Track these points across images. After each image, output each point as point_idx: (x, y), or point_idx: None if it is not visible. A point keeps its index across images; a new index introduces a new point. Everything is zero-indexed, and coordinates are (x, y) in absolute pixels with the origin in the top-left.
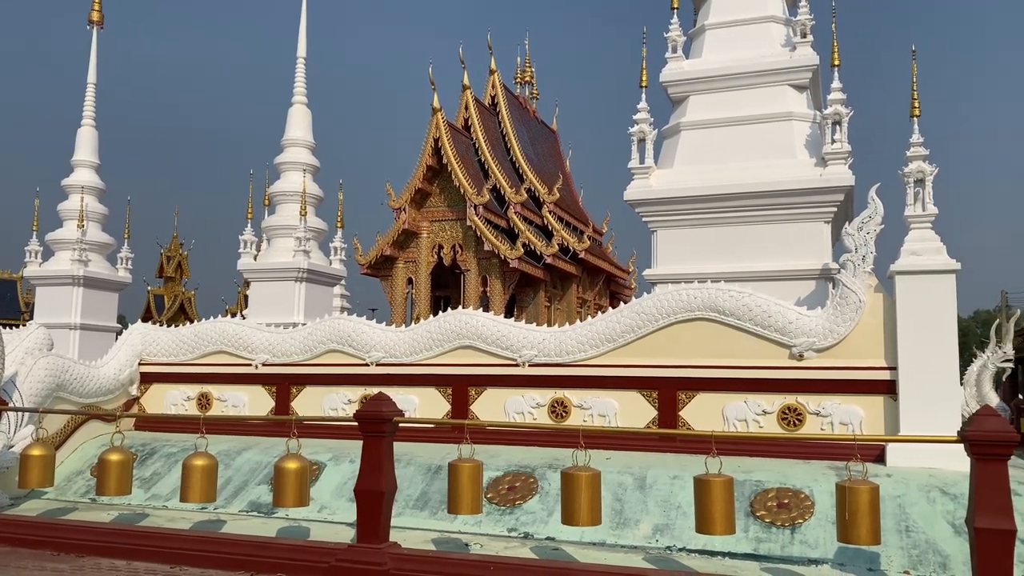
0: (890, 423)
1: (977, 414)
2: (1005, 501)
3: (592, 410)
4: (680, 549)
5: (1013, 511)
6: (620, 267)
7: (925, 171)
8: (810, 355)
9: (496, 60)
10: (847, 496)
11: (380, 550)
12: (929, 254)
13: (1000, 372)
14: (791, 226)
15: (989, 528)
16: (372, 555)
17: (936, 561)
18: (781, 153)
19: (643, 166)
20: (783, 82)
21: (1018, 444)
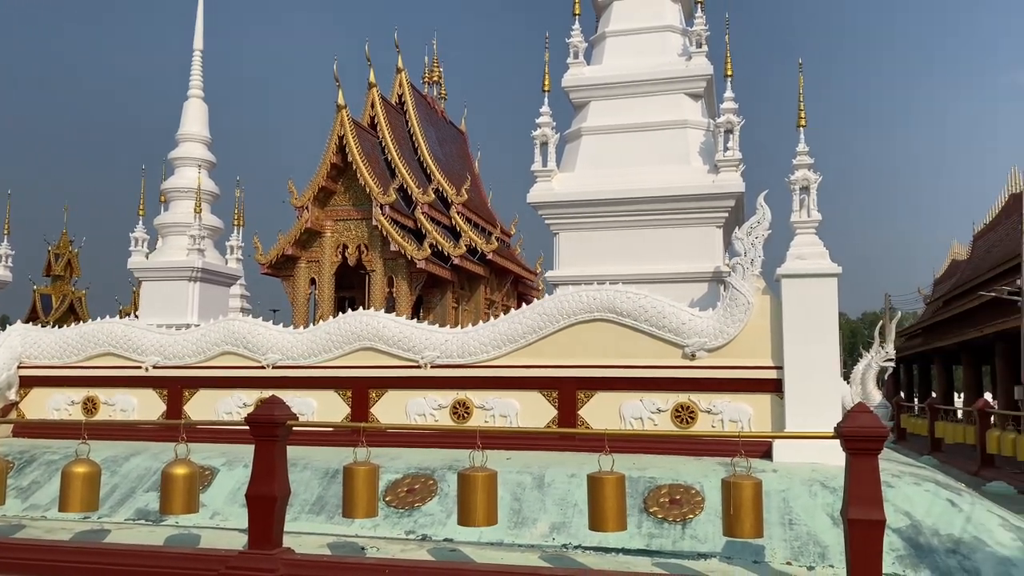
0: (777, 420)
1: (851, 411)
2: (876, 493)
3: (494, 411)
4: (576, 547)
5: (883, 502)
6: (528, 268)
7: (810, 179)
8: (702, 355)
9: (403, 59)
10: (731, 491)
11: (272, 556)
12: (813, 258)
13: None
14: (685, 230)
15: (861, 519)
16: (264, 561)
17: (816, 552)
18: (677, 159)
19: (545, 169)
20: (679, 90)
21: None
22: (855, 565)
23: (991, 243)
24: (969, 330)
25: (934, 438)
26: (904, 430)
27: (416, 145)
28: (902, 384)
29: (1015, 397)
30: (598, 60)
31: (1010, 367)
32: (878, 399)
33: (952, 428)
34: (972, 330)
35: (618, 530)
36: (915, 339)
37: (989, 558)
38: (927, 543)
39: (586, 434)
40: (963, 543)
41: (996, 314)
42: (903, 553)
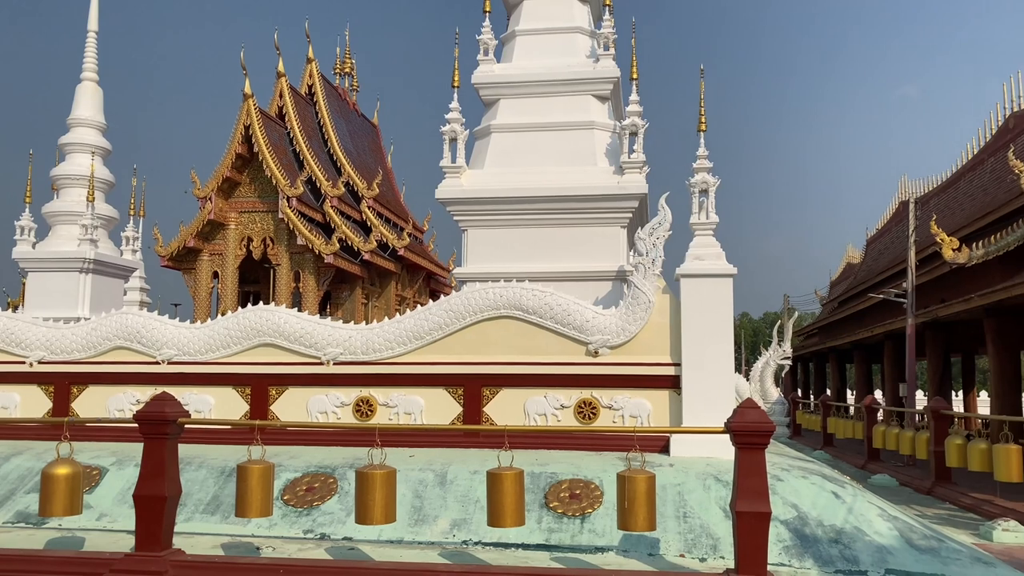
0: (675, 415)
1: (740, 407)
2: (762, 486)
3: (398, 408)
4: (476, 543)
5: (769, 495)
6: (440, 265)
7: (709, 182)
8: (605, 352)
9: (314, 49)
10: (626, 485)
11: (160, 558)
12: (710, 259)
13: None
14: (591, 229)
15: (748, 511)
16: (151, 563)
17: (708, 544)
18: (583, 160)
19: (454, 165)
20: (587, 92)
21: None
22: (742, 556)
23: (882, 248)
24: (861, 330)
25: (826, 433)
26: (799, 426)
27: (326, 137)
28: (799, 381)
29: (900, 394)
30: (508, 58)
31: (896, 366)
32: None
33: (843, 424)
34: (863, 330)
35: (516, 525)
36: (812, 338)
37: (867, 547)
38: (812, 534)
39: (490, 430)
40: (845, 533)
41: (885, 315)
42: (789, 544)
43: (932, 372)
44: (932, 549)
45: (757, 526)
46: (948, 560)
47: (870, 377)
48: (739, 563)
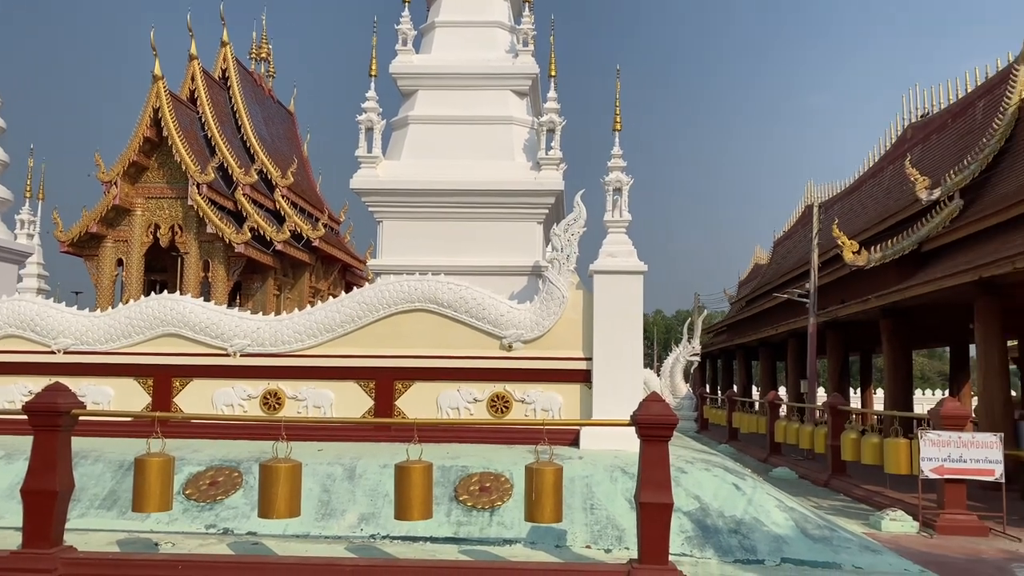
0: (585, 409)
1: (644, 400)
2: (665, 477)
3: (307, 401)
4: (384, 537)
5: (672, 486)
6: (357, 257)
7: (623, 181)
8: (518, 346)
9: (229, 33)
10: (534, 478)
11: (51, 555)
12: (623, 256)
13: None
14: (507, 224)
15: (651, 502)
16: (40, 561)
17: (614, 535)
18: (501, 154)
19: (371, 155)
20: (506, 87)
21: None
22: (645, 546)
23: (788, 249)
24: (766, 328)
25: (731, 428)
26: (707, 420)
27: (240, 123)
28: (708, 377)
29: (801, 391)
30: (427, 49)
31: (799, 363)
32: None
33: (748, 418)
34: (769, 328)
35: (424, 519)
36: (721, 336)
37: (765, 537)
38: (713, 524)
39: (401, 424)
40: (744, 524)
41: (790, 314)
42: (691, 534)
43: (832, 370)
44: (825, 539)
45: (659, 517)
46: (839, 549)
47: (775, 374)
48: (642, 554)
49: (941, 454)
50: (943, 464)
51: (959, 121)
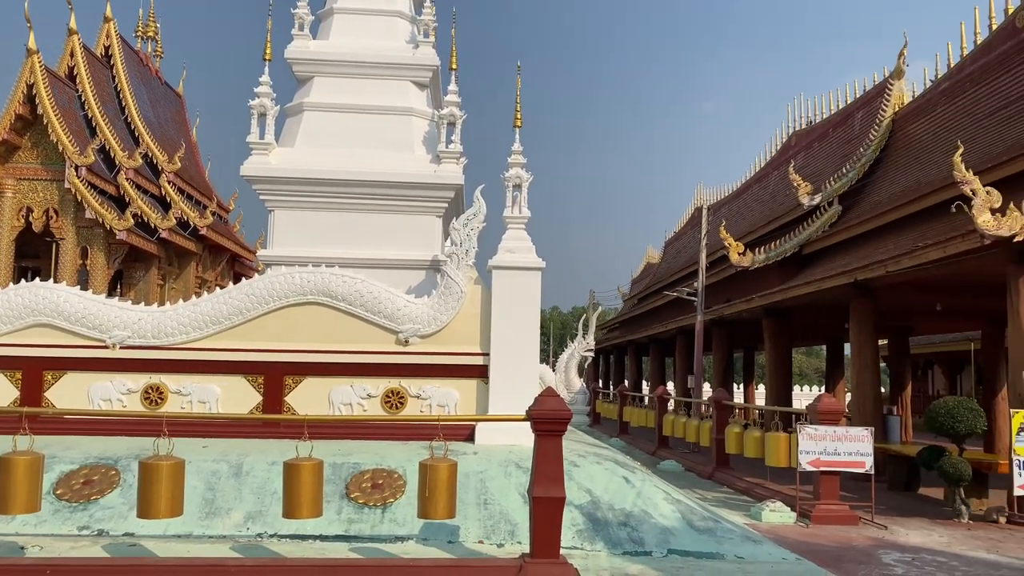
0: (481, 404)
1: (541, 395)
2: (559, 472)
3: (192, 396)
4: (272, 535)
5: (565, 480)
6: (246, 247)
7: (522, 177)
8: (415, 341)
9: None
10: (428, 474)
11: None
12: (521, 252)
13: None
14: (405, 217)
15: (544, 496)
16: None
17: (507, 530)
18: (400, 146)
19: (263, 142)
20: (406, 77)
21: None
22: (537, 541)
23: (678, 249)
24: (657, 325)
25: (622, 422)
26: (599, 414)
27: (124, 104)
28: (601, 372)
29: (688, 386)
30: (325, 35)
31: (687, 359)
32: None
33: (638, 412)
34: (659, 325)
35: (313, 516)
36: (614, 332)
37: (653, 529)
38: (603, 517)
39: (291, 420)
40: (633, 516)
41: (679, 312)
42: (582, 527)
43: (717, 366)
44: (709, 530)
45: (552, 511)
46: (723, 539)
47: (664, 369)
48: (534, 548)
49: (817, 447)
50: (819, 457)
51: (839, 131)
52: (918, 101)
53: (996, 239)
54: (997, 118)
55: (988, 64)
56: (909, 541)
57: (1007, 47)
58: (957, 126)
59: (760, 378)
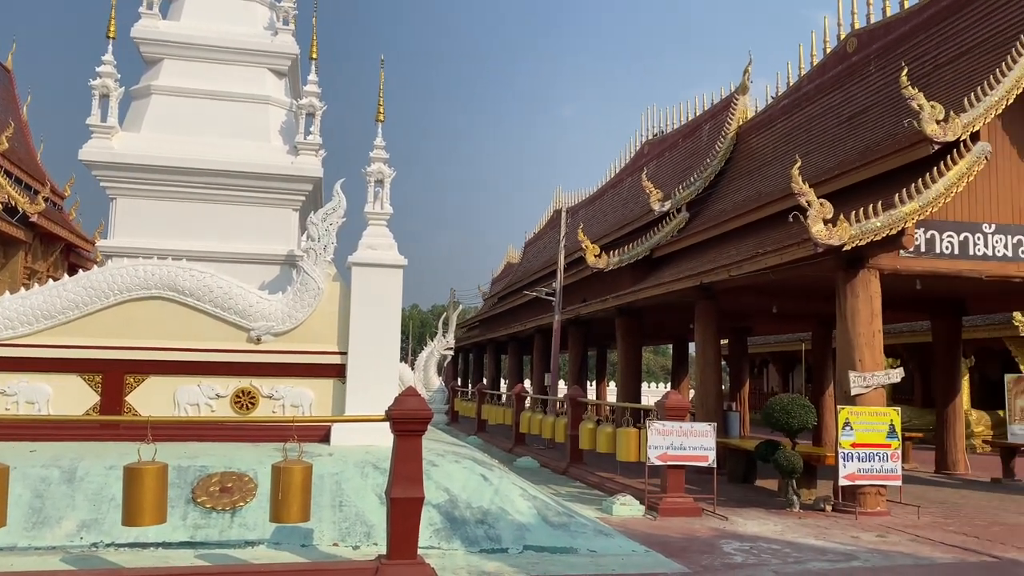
0: (338, 404)
1: (400, 395)
2: (417, 472)
3: (18, 396)
4: (109, 544)
5: (423, 480)
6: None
7: (385, 173)
8: (268, 339)
9: None
10: (281, 476)
11: None
12: (383, 249)
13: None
14: (260, 209)
15: (402, 497)
16: None
17: (362, 532)
18: (255, 135)
19: (105, 125)
20: (263, 64)
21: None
22: (394, 541)
23: (538, 250)
24: (515, 324)
25: (480, 420)
26: (457, 413)
27: None
28: (460, 371)
29: (545, 383)
30: (176, 16)
31: (544, 357)
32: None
33: (495, 410)
34: (517, 324)
35: (156, 523)
36: (474, 330)
37: (510, 525)
38: (461, 516)
39: (132, 422)
40: (490, 513)
41: (537, 311)
42: (440, 527)
43: (572, 364)
44: (564, 525)
45: (410, 511)
46: (576, 534)
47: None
48: (391, 549)
49: (665, 442)
50: (667, 451)
51: (688, 141)
52: (760, 116)
53: (828, 247)
54: (830, 135)
55: (823, 84)
56: (747, 531)
57: (839, 70)
58: (795, 141)
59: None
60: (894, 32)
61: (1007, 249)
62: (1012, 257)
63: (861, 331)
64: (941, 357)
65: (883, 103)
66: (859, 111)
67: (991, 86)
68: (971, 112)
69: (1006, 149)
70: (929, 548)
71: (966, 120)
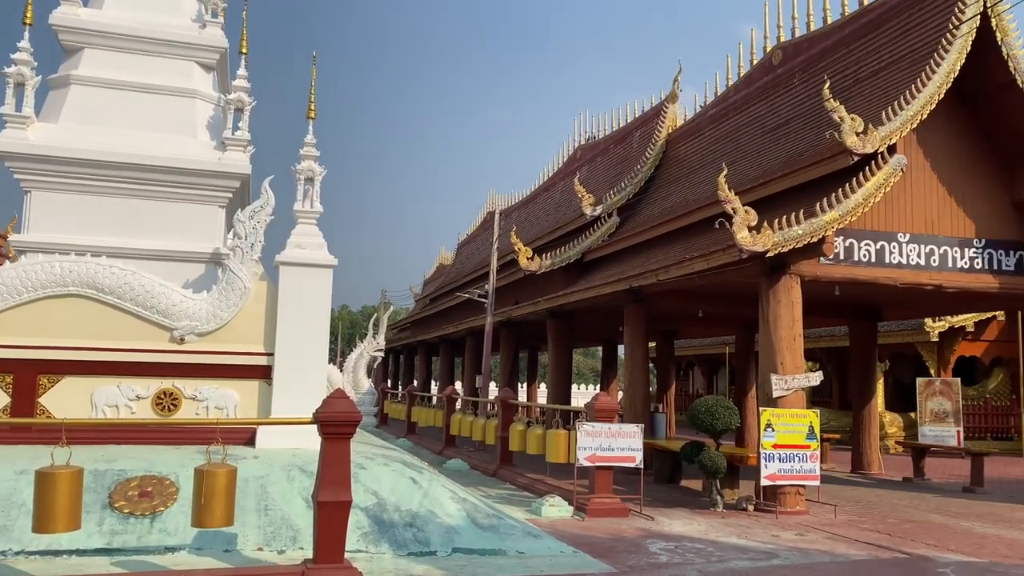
0: (264, 406)
1: (329, 397)
2: (345, 475)
3: None
4: (18, 553)
5: (351, 483)
6: None
7: (315, 171)
8: (192, 339)
9: None
10: (204, 480)
11: None
12: (312, 248)
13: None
14: (185, 206)
15: (329, 500)
16: None
17: (288, 536)
18: (181, 130)
19: (20, 115)
20: (190, 57)
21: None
22: (320, 546)
23: (471, 252)
24: (447, 326)
25: (410, 422)
26: (387, 415)
27: None
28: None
29: (476, 385)
30: (97, 4)
31: (476, 359)
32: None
33: (426, 412)
34: (449, 326)
35: (70, 530)
36: (405, 331)
37: (438, 528)
38: (389, 519)
39: (45, 424)
40: (419, 516)
41: (469, 313)
42: (367, 530)
43: (504, 366)
44: (493, 527)
45: (337, 515)
46: (505, 536)
47: (453, 369)
48: (317, 553)
49: (594, 444)
50: (595, 453)
51: (620, 147)
52: (689, 124)
53: (752, 254)
54: (756, 144)
55: (749, 95)
56: (673, 530)
57: (765, 81)
58: (722, 149)
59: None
60: (817, 46)
61: (920, 258)
62: (924, 265)
63: (783, 335)
64: (857, 361)
65: (806, 115)
66: (783, 122)
67: (907, 101)
68: (888, 125)
69: (920, 162)
70: (845, 546)
71: (884, 133)
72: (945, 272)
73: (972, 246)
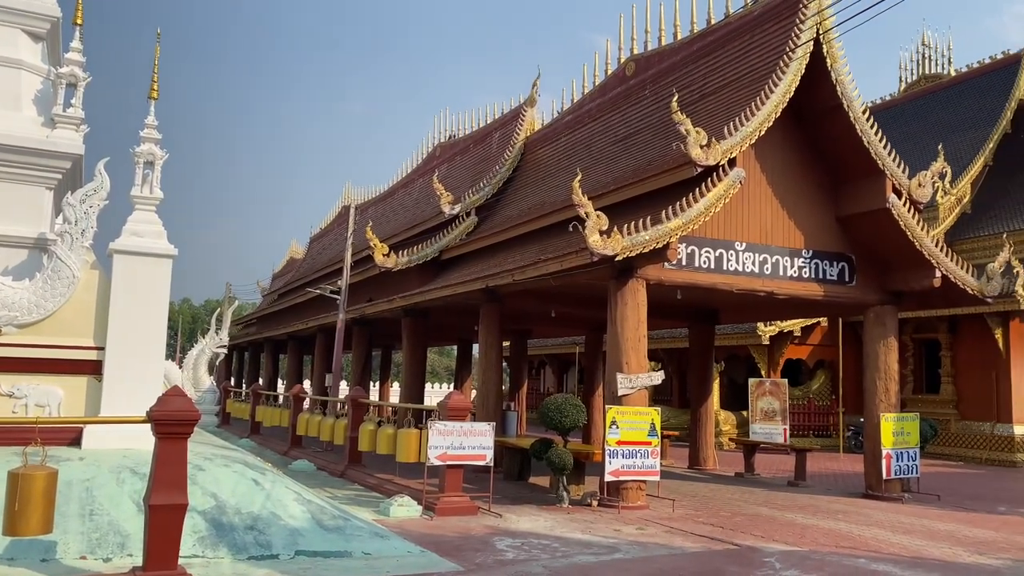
0: (93, 404)
1: (164, 394)
2: (181, 477)
3: None
4: None
5: (187, 486)
6: None
7: (156, 154)
8: (10, 330)
9: None
10: (20, 484)
11: None
12: (150, 236)
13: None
14: (6, 186)
15: (162, 504)
16: None
17: (116, 542)
18: (4, 104)
19: None
20: (16, 24)
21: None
22: (152, 552)
23: (324, 246)
24: (297, 322)
25: (254, 421)
26: (229, 414)
27: None
28: (234, 370)
29: (326, 384)
30: None
31: (326, 357)
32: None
33: (271, 412)
34: (299, 322)
35: None
36: (251, 327)
37: (282, 531)
38: (229, 522)
39: None
40: (261, 519)
41: (321, 309)
42: (205, 534)
43: (356, 364)
44: (339, 528)
45: (171, 519)
46: (351, 537)
47: (301, 367)
48: (148, 560)
49: (445, 442)
50: (446, 451)
51: (479, 147)
52: (546, 129)
53: (603, 257)
54: (608, 152)
55: (603, 104)
56: (520, 527)
57: (618, 91)
58: (577, 155)
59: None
60: (667, 60)
61: (754, 266)
62: (758, 273)
63: (629, 336)
64: (696, 361)
65: (656, 126)
66: (634, 131)
67: (747, 117)
68: (730, 140)
69: (757, 175)
70: (681, 538)
71: (725, 147)
72: (777, 280)
73: (801, 256)
